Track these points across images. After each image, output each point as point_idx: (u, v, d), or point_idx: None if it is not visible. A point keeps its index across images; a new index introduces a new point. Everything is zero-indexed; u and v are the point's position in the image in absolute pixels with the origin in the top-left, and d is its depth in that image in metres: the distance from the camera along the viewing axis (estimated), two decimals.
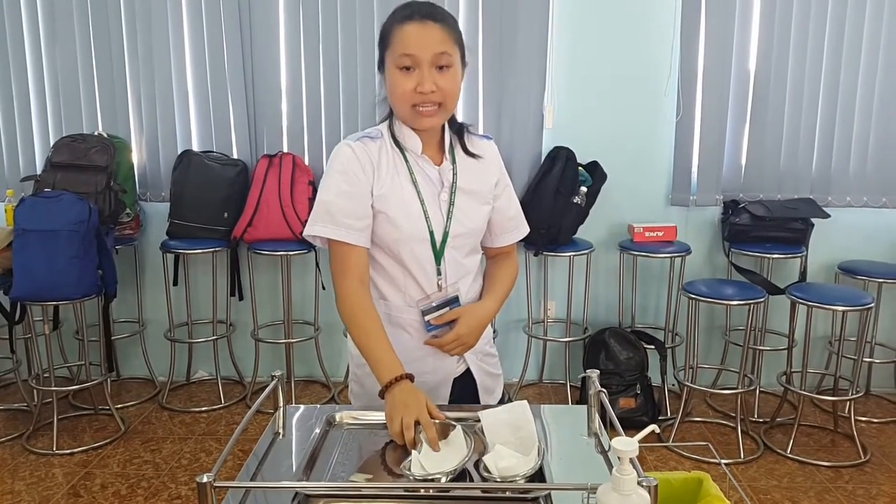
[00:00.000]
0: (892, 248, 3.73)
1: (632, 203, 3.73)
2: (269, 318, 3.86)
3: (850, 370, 3.29)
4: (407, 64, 1.49)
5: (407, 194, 1.58)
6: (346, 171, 1.55)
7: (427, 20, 1.50)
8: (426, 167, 1.61)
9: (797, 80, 3.59)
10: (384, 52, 1.54)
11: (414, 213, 1.58)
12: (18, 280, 3.08)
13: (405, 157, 1.59)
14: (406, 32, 1.49)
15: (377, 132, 1.61)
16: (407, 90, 1.50)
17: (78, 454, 3.19)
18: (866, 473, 3.06)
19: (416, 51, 1.48)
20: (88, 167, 3.36)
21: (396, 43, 1.50)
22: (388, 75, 1.53)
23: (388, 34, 1.52)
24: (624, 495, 0.99)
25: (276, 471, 1.34)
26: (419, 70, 1.49)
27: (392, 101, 1.56)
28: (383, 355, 1.51)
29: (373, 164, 1.56)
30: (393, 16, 1.54)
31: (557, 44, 3.62)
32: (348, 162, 1.55)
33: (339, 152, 1.57)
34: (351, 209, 1.55)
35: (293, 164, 3.60)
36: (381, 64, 1.56)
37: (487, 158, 1.69)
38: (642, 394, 3.44)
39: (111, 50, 3.68)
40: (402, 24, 1.50)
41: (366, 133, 1.61)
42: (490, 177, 1.68)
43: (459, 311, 1.62)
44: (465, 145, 1.66)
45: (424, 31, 1.49)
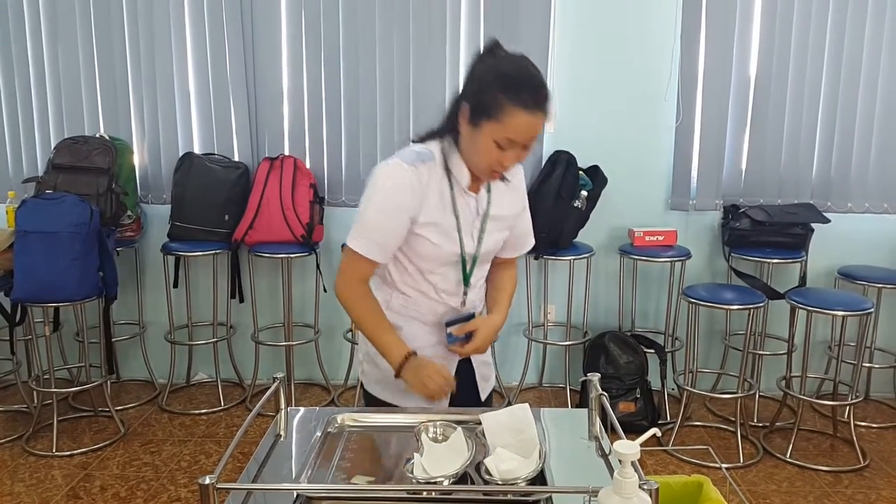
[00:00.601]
0: (891, 254, 3.74)
1: (632, 207, 3.73)
2: (269, 320, 3.87)
3: (850, 375, 3.30)
4: (505, 145, 1.54)
5: (448, 222, 1.66)
6: (393, 194, 1.60)
7: (540, 111, 1.53)
8: (466, 196, 1.68)
9: (797, 85, 3.60)
10: (485, 118, 1.52)
11: (450, 237, 1.67)
12: (19, 281, 3.08)
13: (451, 184, 1.65)
14: (519, 121, 1.51)
15: (429, 154, 1.64)
16: (494, 161, 1.57)
17: (78, 456, 3.19)
18: (865, 478, 3.06)
19: (522, 139, 1.54)
20: (90, 169, 3.37)
21: (506, 124, 1.51)
22: (481, 140, 1.55)
23: (498, 106, 1.51)
24: (625, 498, 1.00)
25: (278, 473, 1.34)
26: (513, 149, 1.55)
27: (471, 154, 1.60)
28: (389, 338, 1.66)
29: (423, 190, 1.61)
30: (507, 85, 1.51)
31: (558, 49, 3.63)
32: (400, 187, 1.60)
33: (393, 174, 1.60)
34: (389, 230, 1.63)
35: (294, 166, 3.61)
36: (474, 118, 1.55)
37: (516, 183, 1.79)
38: (642, 398, 3.44)
39: (113, 52, 3.69)
40: (518, 109, 1.50)
41: (420, 154, 1.63)
42: (517, 202, 1.80)
43: (477, 324, 1.74)
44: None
45: (536, 122, 1.53)
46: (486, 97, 1.52)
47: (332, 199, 3.77)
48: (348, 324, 3.79)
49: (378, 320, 1.68)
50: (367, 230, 1.63)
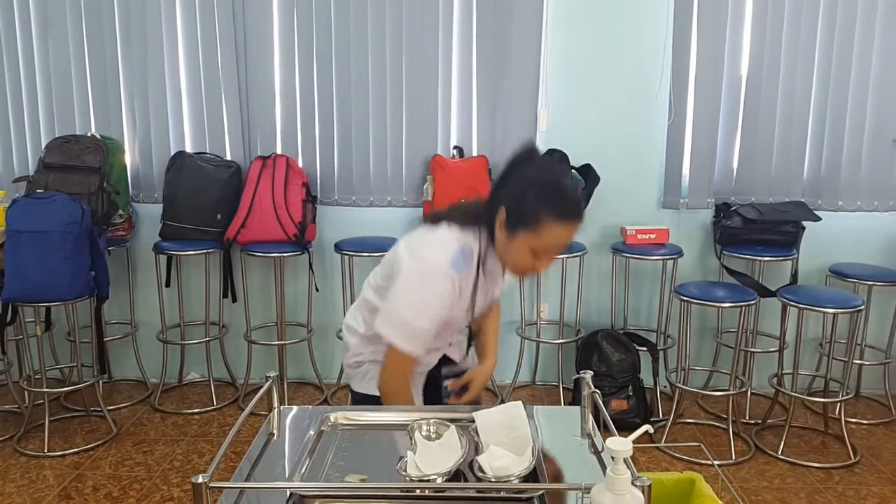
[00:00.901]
0: (881, 251, 3.76)
1: (624, 206, 3.74)
2: (261, 319, 3.86)
3: (841, 372, 3.32)
4: (541, 253, 1.62)
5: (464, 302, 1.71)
6: (444, 300, 1.65)
7: (577, 222, 1.59)
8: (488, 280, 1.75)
9: (788, 84, 3.61)
10: (523, 228, 1.58)
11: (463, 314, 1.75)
12: (10, 281, 3.06)
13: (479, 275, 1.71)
14: (558, 234, 1.58)
15: (470, 253, 1.67)
16: (528, 265, 1.64)
17: (69, 456, 3.18)
18: (856, 474, 3.08)
19: (557, 248, 1.62)
20: (81, 168, 3.36)
21: (544, 237, 1.58)
22: (517, 247, 1.61)
23: (536, 220, 1.57)
24: (618, 495, 1.00)
25: (271, 472, 1.34)
26: (547, 256, 1.63)
27: (506, 258, 1.67)
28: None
29: (462, 291, 1.68)
30: (547, 201, 1.57)
31: (551, 47, 3.63)
32: (447, 293, 1.65)
33: (443, 283, 1.63)
34: (429, 330, 1.69)
35: (287, 165, 3.60)
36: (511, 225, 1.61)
37: None
38: (634, 395, 3.45)
39: (104, 50, 3.67)
40: (557, 223, 1.56)
41: (465, 258, 1.66)
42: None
43: (472, 375, 1.89)
44: None
45: (568, 233, 1.60)
46: (525, 208, 1.58)
47: (325, 198, 3.76)
48: (341, 323, 3.77)
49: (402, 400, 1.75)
50: (417, 334, 1.67)
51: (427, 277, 1.64)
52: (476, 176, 3.54)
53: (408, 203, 3.73)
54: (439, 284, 1.63)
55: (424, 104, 3.66)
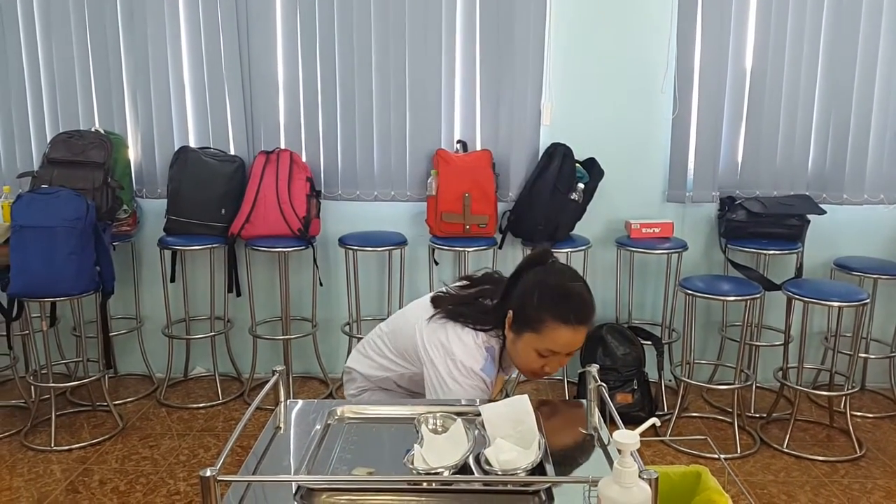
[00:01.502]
0: (887, 245, 3.75)
1: (629, 199, 3.74)
2: (266, 314, 3.87)
3: (846, 366, 3.31)
4: (547, 355, 1.62)
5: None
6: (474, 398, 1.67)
7: (582, 327, 1.59)
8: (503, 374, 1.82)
9: (793, 77, 3.60)
10: (527, 329, 1.61)
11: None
12: (15, 276, 3.07)
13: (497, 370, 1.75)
14: (561, 336, 1.59)
15: (494, 352, 1.72)
16: (536, 368, 1.65)
17: (76, 450, 3.19)
18: (861, 468, 3.08)
19: (561, 350, 1.62)
20: (85, 163, 3.36)
21: (546, 338, 1.60)
22: (522, 348, 1.64)
23: (540, 321, 1.59)
24: (625, 488, 1.00)
25: (278, 465, 1.35)
26: (554, 357, 1.63)
27: (514, 358, 1.69)
28: None
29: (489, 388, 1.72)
30: (551, 304, 1.60)
31: (555, 40, 3.62)
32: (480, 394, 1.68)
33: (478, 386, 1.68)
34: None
35: (290, 160, 3.60)
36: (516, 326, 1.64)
37: None
38: (639, 389, 3.45)
39: (107, 46, 3.67)
40: (560, 325, 1.58)
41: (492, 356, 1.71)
42: None
43: None
44: None
45: (576, 336, 1.60)
46: (529, 310, 1.62)
47: (329, 193, 3.76)
48: (345, 317, 3.79)
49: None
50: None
51: (462, 380, 1.68)
52: (480, 170, 3.53)
53: (412, 197, 3.73)
54: (475, 386, 1.68)
55: (428, 98, 3.65)
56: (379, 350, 1.93)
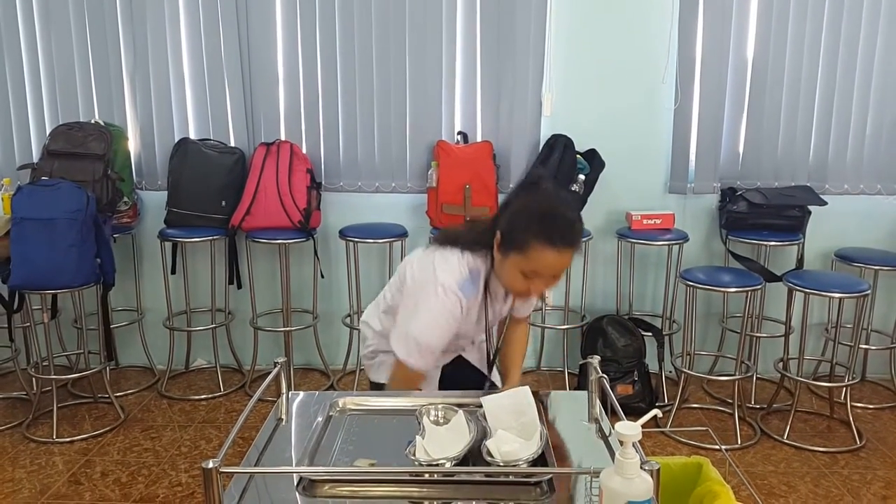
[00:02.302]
0: (888, 236, 3.74)
1: (630, 191, 3.73)
2: (267, 306, 3.87)
3: (847, 357, 3.31)
4: (532, 276, 1.63)
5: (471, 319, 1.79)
6: (446, 317, 1.71)
7: (567, 248, 1.59)
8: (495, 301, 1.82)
9: (795, 68, 3.59)
10: (513, 249, 1.63)
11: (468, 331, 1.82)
12: (16, 269, 3.07)
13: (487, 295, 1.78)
14: (545, 257, 1.59)
15: (478, 274, 1.74)
16: (521, 289, 1.67)
17: (78, 442, 3.20)
18: (862, 459, 3.09)
19: (545, 273, 1.62)
20: (85, 155, 3.35)
21: (531, 259, 1.60)
22: (509, 267, 1.65)
23: (525, 242, 1.60)
24: (627, 479, 1.01)
25: (280, 457, 1.35)
26: (539, 279, 1.64)
27: (500, 277, 1.72)
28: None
29: (470, 311, 1.75)
30: (537, 225, 1.60)
31: (556, 31, 3.61)
32: (453, 311, 1.70)
33: (450, 298, 1.69)
34: (439, 348, 1.74)
35: (291, 152, 3.60)
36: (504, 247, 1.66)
37: None
38: (640, 381, 3.45)
39: (107, 37, 3.66)
40: (544, 246, 1.58)
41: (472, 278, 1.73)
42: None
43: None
44: None
45: (560, 259, 1.60)
46: (516, 231, 1.63)
47: (330, 185, 3.76)
48: (346, 309, 3.79)
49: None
50: (424, 350, 1.72)
51: (436, 298, 1.69)
52: (480, 161, 3.52)
53: (412, 189, 3.72)
54: (448, 304, 1.69)
55: (429, 89, 3.64)
56: (387, 302, 1.94)
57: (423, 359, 1.73)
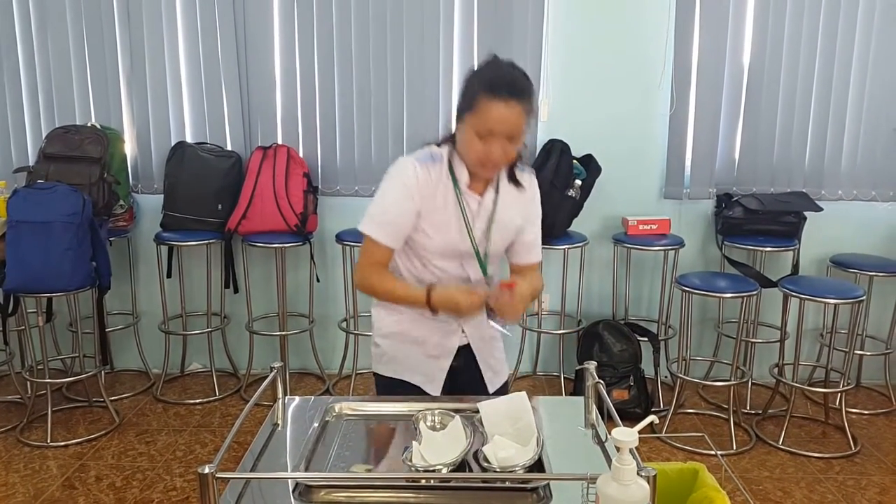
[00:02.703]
0: (883, 242, 3.76)
1: (626, 196, 3.74)
2: (263, 310, 3.86)
3: (842, 362, 3.32)
4: (484, 135, 1.64)
5: (450, 217, 1.75)
6: (404, 185, 1.72)
7: (512, 100, 1.61)
8: (469, 197, 1.77)
9: (790, 75, 3.60)
10: (465, 110, 1.66)
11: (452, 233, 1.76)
12: (11, 272, 3.06)
13: (455, 185, 1.75)
14: (492, 109, 1.61)
15: (440, 155, 1.77)
16: (479, 153, 1.67)
17: (72, 446, 3.18)
18: (857, 464, 3.09)
19: (496, 129, 1.63)
20: (82, 158, 3.35)
21: (480, 114, 1.63)
22: (465, 132, 1.67)
23: (473, 98, 1.64)
24: (624, 485, 1.01)
25: (276, 462, 1.35)
26: (494, 140, 1.64)
27: (461, 149, 1.72)
28: (409, 292, 1.77)
29: (429, 187, 1.73)
30: (482, 78, 1.66)
31: (552, 37, 3.62)
32: (408, 179, 1.72)
33: (404, 167, 1.74)
34: (399, 219, 1.74)
35: (288, 155, 3.60)
36: (459, 114, 1.70)
37: (529, 194, 1.86)
38: (636, 386, 3.46)
39: (104, 40, 3.65)
40: (490, 97, 1.61)
41: (432, 154, 1.77)
42: (524, 206, 1.85)
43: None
44: (512, 173, 1.82)
45: (508, 111, 1.62)
46: (467, 94, 1.67)
47: (326, 189, 3.76)
48: (342, 313, 3.79)
49: (399, 288, 1.79)
50: (378, 217, 1.75)
51: (393, 168, 1.76)
52: None
53: None
54: (402, 169, 1.73)
55: (426, 94, 3.65)
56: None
57: (377, 227, 1.74)
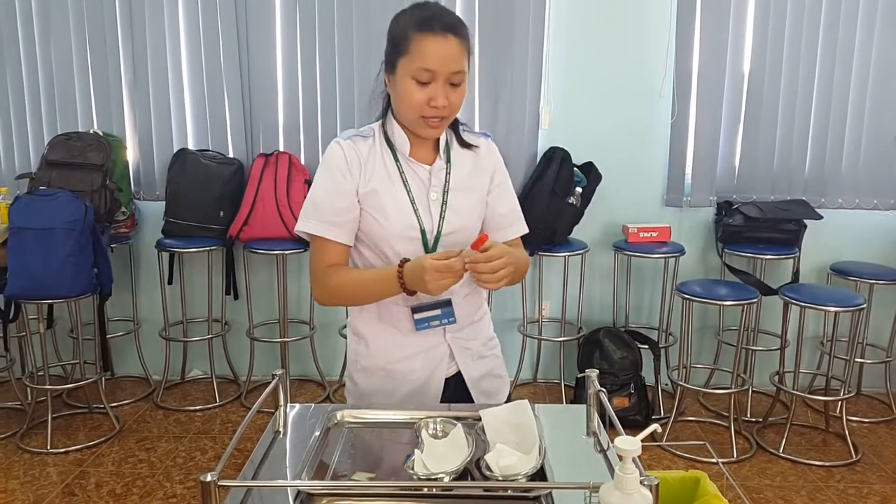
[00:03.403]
0: (883, 250, 3.76)
1: (626, 204, 3.75)
2: (264, 317, 3.86)
3: (842, 370, 3.32)
4: (424, 79, 1.48)
5: (396, 193, 1.58)
6: (331, 168, 1.57)
7: (448, 33, 1.47)
8: (416, 167, 1.61)
9: (791, 83, 3.61)
10: (398, 56, 1.50)
11: (403, 210, 1.58)
12: (13, 278, 3.06)
13: (395, 157, 1.60)
14: (427, 45, 1.47)
15: (370, 131, 1.62)
16: (420, 101, 1.50)
17: (72, 453, 3.18)
18: (857, 473, 3.09)
19: (435, 67, 1.47)
20: (84, 165, 3.36)
21: (415, 54, 1.47)
22: (401, 82, 1.50)
23: (405, 40, 1.49)
24: (626, 494, 1.00)
25: (278, 470, 1.35)
26: (434, 84, 1.48)
27: (399, 106, 1.55)
28: (377, 275, 1.56)
29: (360, 162, 1.58)
30: (411, 18, 1.50)
31: (554, 44, 3.63)
32: (335, 160, 1.57)
33: (329, 150, 1.59)
34: (333, 206, 1.57)
35: (289, 162, 3.61)
36: (390, 65, 1.53)
37: (483, 153, 1.68)
38: (636, 393, 3.45)
39: (106, 47, 3.67)
40: (423, 34, 1.47)
41: (359, 132, 1.62)
42: (484, 172, 1.67)
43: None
44: (460, 137, 1.66)
45: (445, 45, 1.47)
46: (396, 39, 1.51)
47: None
48: (344, 320, 3.79)
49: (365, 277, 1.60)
50: (315, 210, 1.58)
51: (323, 157, 1.61)
52: None
53: None
54: (329, 152, 1.58)
55: None
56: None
57: (309, 219, 1.56)
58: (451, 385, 1.70)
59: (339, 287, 1.59)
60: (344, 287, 1.59)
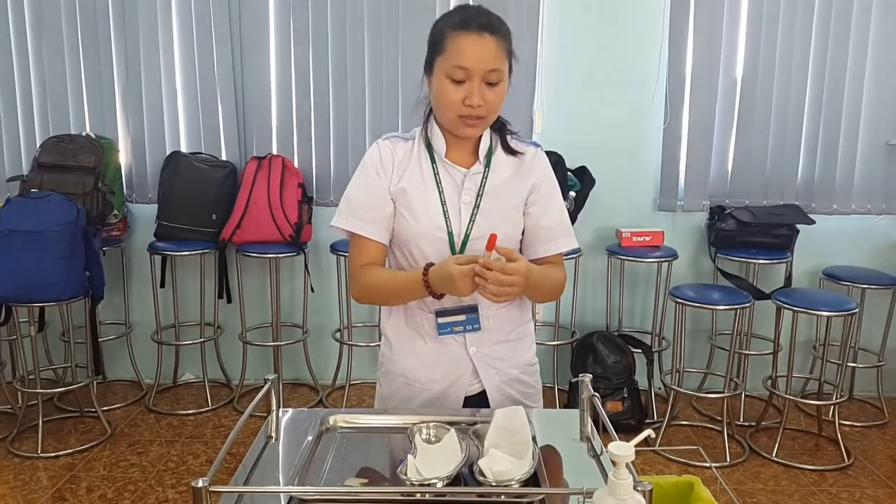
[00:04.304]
0: (875, 255, 3.78)
1: (620, 208, 3.75)
2: (257, 320, 3.85)
3: (835, 374, 3.33)
4: (459, 77, 1.49)
5: (428, 193, 1.59)
6: (366, 167, 1.61)
7: (485, 32, 1.47)
8: (451, 169, 1.61)
9: (783, 88, 3.63)
10: (435, 55, 1.52)
11: (432, 211, 1.58)
12: (4, 281, 3.05)
13: (432, 158, 1.61)
14: (462, 43, 1.48)
15: (412, 133, 1.66)
16: (455, 100, 1.50)
17: (63, 457, 3.16)
18: (850, 477, 3.10)
19: (470, 64, 1.47)
20: (76, 168, 3.34)
21: (451, 52, 1.48)
22: (437, 81, 1.52)
23: (442, 39, 1.50)
24: (620, 500, 1.00)
25: (270, 475, 1.34)
26: (470, 83, 1.49)
27: (437, 106, 1.56)
28: (406, 276, 1.58)
29: (393, 161, 1.60)
30: (449, 19, 1.52)
31: (547, 50, 3.64)
32: (371, 159, 1.61)
33: (371, 151, 1.63)
34: (364, 203, 1.59)
35: (283, 166, 3.60)
36: (428, 66, 1.55)
37: (528, 160, 1.65)
38: (629, 397, 3.46)
39: (99, 49, 3.66)
40: (459, 32, 1.48)
41: (401, 134, 1.66)
42: (525, 180, 1.64)
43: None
44: (506, 142, 1.65)
45: (481, 44, 1.47)
46: (436, 39, 1.53)
47: (321, 199, 3.76)
48: (337, 324, 3.78)
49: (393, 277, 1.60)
50: (348, 206, 1.61)
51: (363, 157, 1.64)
52: None
53: None
54: (369, 152, 1.62)
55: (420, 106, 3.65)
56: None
57: (343, 215, 1.59)
58: (474, 404, 1.65)
59: (371, 286, 1.60)
60: (375, 286, 1.60)
